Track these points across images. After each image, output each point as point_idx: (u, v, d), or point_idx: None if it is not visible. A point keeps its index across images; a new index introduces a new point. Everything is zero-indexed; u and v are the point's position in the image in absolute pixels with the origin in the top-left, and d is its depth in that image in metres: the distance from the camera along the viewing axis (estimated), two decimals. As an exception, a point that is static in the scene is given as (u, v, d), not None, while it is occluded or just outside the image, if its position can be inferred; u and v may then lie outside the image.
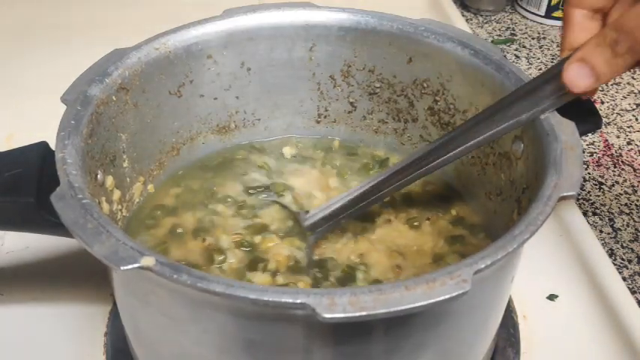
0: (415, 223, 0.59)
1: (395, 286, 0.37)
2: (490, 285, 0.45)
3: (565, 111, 0.50)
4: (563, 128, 0.49)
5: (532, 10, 1.13)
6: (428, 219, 0.60)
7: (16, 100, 0.88)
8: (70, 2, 1.09)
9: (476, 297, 0.43)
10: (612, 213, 0.76)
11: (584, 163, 0.82)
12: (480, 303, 0.45)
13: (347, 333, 0.40)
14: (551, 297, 0.64)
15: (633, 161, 0.84)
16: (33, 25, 1.04)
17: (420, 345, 0.43)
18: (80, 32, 1.01)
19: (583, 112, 0.54)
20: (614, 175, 0.82)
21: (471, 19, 1.14)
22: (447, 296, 0.36)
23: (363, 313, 0.35)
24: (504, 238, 0.40)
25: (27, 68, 0.94)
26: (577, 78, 0.46)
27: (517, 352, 0.59)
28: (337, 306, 0.35)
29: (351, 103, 0.66)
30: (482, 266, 0.38)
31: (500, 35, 1.10)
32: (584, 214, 0.75)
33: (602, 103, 0.94)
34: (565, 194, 0.43)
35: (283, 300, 0.36)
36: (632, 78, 1.00)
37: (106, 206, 0.51)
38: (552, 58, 1.04)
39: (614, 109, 0.93)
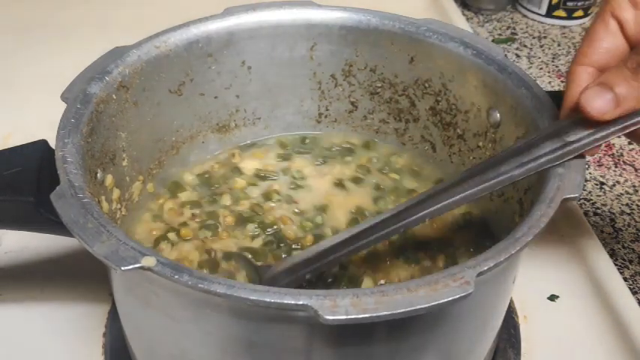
0: None
1: (397, 288, 0.36)
2: (492, 286, 0.45)
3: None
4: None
5: (533, 9, 1.12)
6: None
7: (16, 98, 0.87)
8: (70, 0, 1.09)
9: (478, 298, 0.43)
10: (613, 213, 0.76)
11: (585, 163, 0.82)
12: (482, 304, 0.45)
13: (348, 334, 0.40)
14: (552, 297, 0.64)
15: (634, 161, 0.84)
16: (33, 22, 1.03)
17: (421, 346, 0.43)
18: (80, 30, 1.01)
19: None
20: (615, 174, 0.82)
21: (472, 18, 1.14)
22: (449, 298, 0.36)
23: (366, 315, 0.35)
24: (507, 240, 0.40)
25: (26, 66, 0.93)
26: (594, 97, 0.42)
27: (518, 353, 0.58)
28: (339, 308, 0.35)
29: (352, 103, 0.66)
30: (485, 268, 0.38)
31: (500, 34, 1.10)
32: (585, 214, 0.75)
33: (603, 103, 0.94)
34: (567, 196, 0.43)
35: (285, 301, 0.36)
36: (633, 78, 0.99)
37: (105, 205, 0.51)
38: (553, 58, 1.04)
39: (614, 109, 0.93)
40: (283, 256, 0.55)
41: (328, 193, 0.62)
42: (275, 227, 0.58)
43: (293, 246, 0.57)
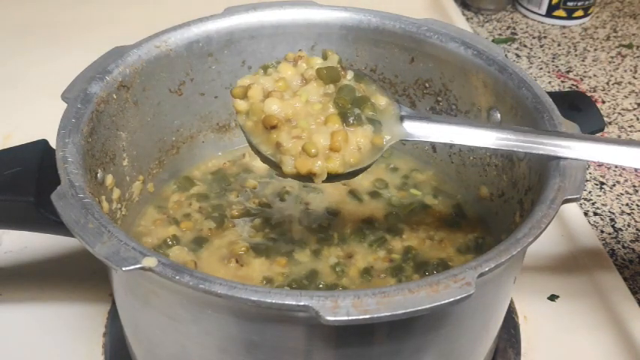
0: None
1: (398, 289, 0.36)
2: (493, 287, 0.45)
3: (568, 113, 0.50)
4: (567, 130, 0.48)
5: (533, 9, 1.12)
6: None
7: (16, 98, 0.87)
8: (71, 0, 1.09)
9: (479, 299, 0.42)
10: (613, 213, 0.76)
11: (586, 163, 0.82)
12: (483, 305, 0.45)
13: (349, 335, 0.40)
14: (552, 297, 0.64)
15: (634, 161, 0.83)
16: (33, 22, 1.03)
17: (422, 347, 0.43)
18: (81, 30, 1.01)
19: (586, 114, 0.54)
20: (615, 174, 0.82)
21: (472, 18, 1.14)
22: (450, 299, 0.36)
23: (367, 317, 0.35)
24: (508, 241, 0.40)
25: (27, 66, 0.93)
26: None
27: (518, 353, 0.58)
28: (340, 309, 0.35)
29: (353, 103, 0.65)
30: (486, 269, 0.38)
31: (500, 34, 1.09)
32: (585, 214, 0.75)
33: (604, 102, 0.94)
34: (569, 197, 0.43)
35: (286, 302, 0.36)
36: (634, 77, 0.99)
37: (105, 205, 0.51)
38: (553, 57, 1.04)
39: (615, 109, 0.93)
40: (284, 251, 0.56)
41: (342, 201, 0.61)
42: (281, 223, 0.58)
43: (296, 243, 0.56)
